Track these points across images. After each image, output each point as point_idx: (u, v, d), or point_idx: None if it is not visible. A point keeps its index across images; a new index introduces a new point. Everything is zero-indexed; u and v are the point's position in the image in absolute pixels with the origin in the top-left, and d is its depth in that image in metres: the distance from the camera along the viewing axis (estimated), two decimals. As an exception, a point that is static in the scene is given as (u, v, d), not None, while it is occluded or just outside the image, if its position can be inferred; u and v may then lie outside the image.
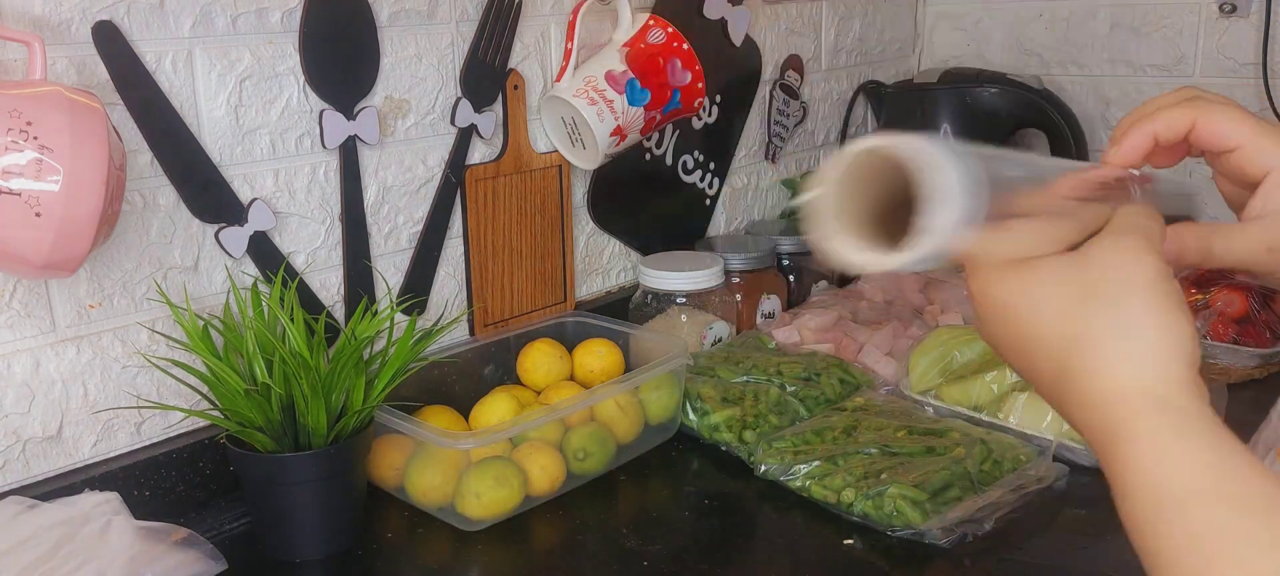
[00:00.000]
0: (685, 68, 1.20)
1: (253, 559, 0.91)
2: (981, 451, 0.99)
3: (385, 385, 0.91)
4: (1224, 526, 0.42)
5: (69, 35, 0.84)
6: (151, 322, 0.93)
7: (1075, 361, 0.47)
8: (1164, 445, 0.44)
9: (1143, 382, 0.46)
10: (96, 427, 0.92)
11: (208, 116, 0.93)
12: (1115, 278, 0.47)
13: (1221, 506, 0.43)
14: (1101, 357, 0.47)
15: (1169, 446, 0.44)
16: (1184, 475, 0.44)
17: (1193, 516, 0.43)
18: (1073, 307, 0.48)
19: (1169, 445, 0.44)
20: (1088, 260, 0.48)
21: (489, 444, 0.96)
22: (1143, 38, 1.57)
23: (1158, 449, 0.44)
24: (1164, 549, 0.44)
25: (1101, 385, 0.46)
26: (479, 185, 1.15)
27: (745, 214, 1.53)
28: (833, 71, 1.64)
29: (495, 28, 1.13)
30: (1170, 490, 0.44)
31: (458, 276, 1.16)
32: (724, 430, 1.08)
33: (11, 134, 0.70)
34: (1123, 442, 0.45)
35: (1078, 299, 0.48)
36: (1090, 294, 0.47)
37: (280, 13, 0.96)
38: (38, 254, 0.73)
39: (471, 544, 0.93)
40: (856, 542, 0.91)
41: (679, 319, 1.25)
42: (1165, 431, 0.45)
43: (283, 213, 1.00)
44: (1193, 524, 0.43)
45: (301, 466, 0.88)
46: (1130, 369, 0.46)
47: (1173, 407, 0.45)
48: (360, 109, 1.03)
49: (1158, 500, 0.44)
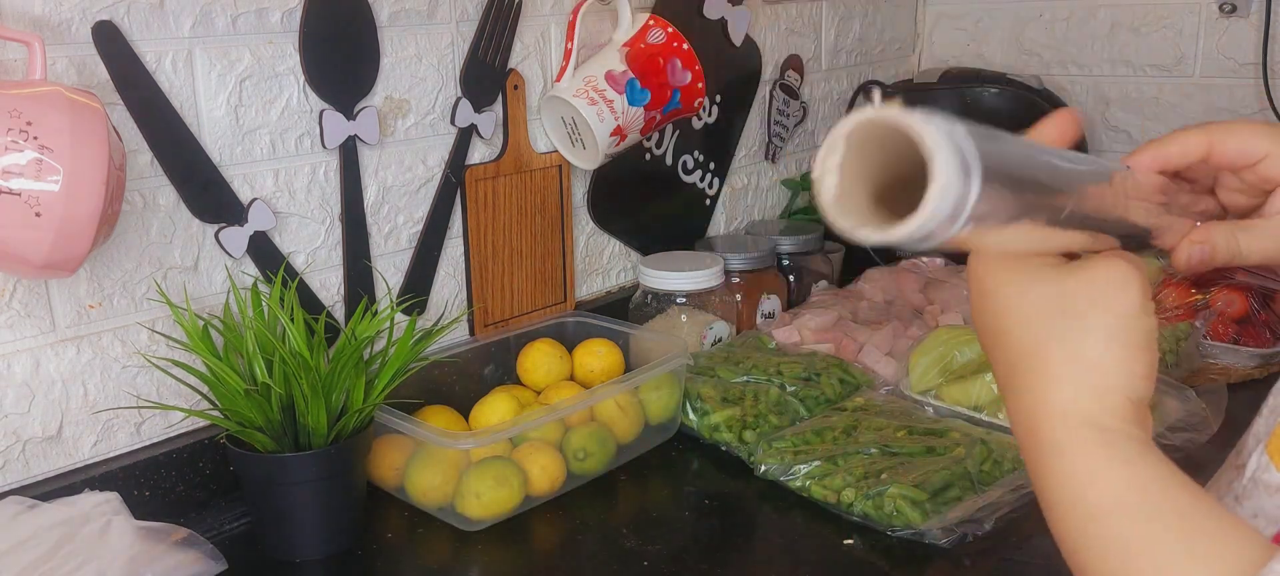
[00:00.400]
0: (685, 68, 1.20)
1: (253, 559, 0.91)
2: (981, 451, 0.99)
3: (385, 385, 0.91)
4: (1146, 540, 0.44)
5: (69, 35, 0.84)
6: (151, 322, 0.93)
7: (1024, 364, 0.49)
8: (1093, 463, 0.46)
9: (1082, 407, 0.47)
10: (96, 427, 0.92)
11: (208, 116, 0.93)
12: (1091, 300, 0.48)
13: (1144, 521, 0.44)
14: (1051, 374, 0.48)
15: (1098, 464, 0.46)
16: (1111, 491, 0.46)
17: (1116, 530, 0.45)
18: (1044, 317, 0.49)
19: (1098, 463, 0.46)
20: (1074, 274, 0.49)
21: (489, 444, 0.96)
22: (1143, 38, 1.58)
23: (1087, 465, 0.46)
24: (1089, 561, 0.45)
25: (1044, 399, 0.48)
26: (479, 185, 1.15)
27: (745, 214, 1.53)
28: (833, 71, 1.64)
29: (495, 28, 1.13)
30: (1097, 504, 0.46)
31: (458, 276, 1.16)
32: (724, 430, 1.08)
33: (11, 134, 0.70)
34: (1054, 456, 0.47)
35: (1051, 310, 0.49)
36: (1064, 309, 0.49)
37: (280, 13, 0.96)
38: (38, 254, 0.73)
39: (471, 544, 0.93)
40: (856, 542, 0.91)
41: (679, 319, 1.25)
42: (1096, 450, 0.46)
43: (283, 213, 1.00)
44: (1116, 538, 0.45)
45: (301, 466, 0.88)
46: (1073, 393, 0.47)
47: (1107, 431, 0.47)
48: (360, 109, 1.03)
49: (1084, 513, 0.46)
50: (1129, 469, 0.46)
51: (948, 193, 0.39)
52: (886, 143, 0.42)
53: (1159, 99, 1.58)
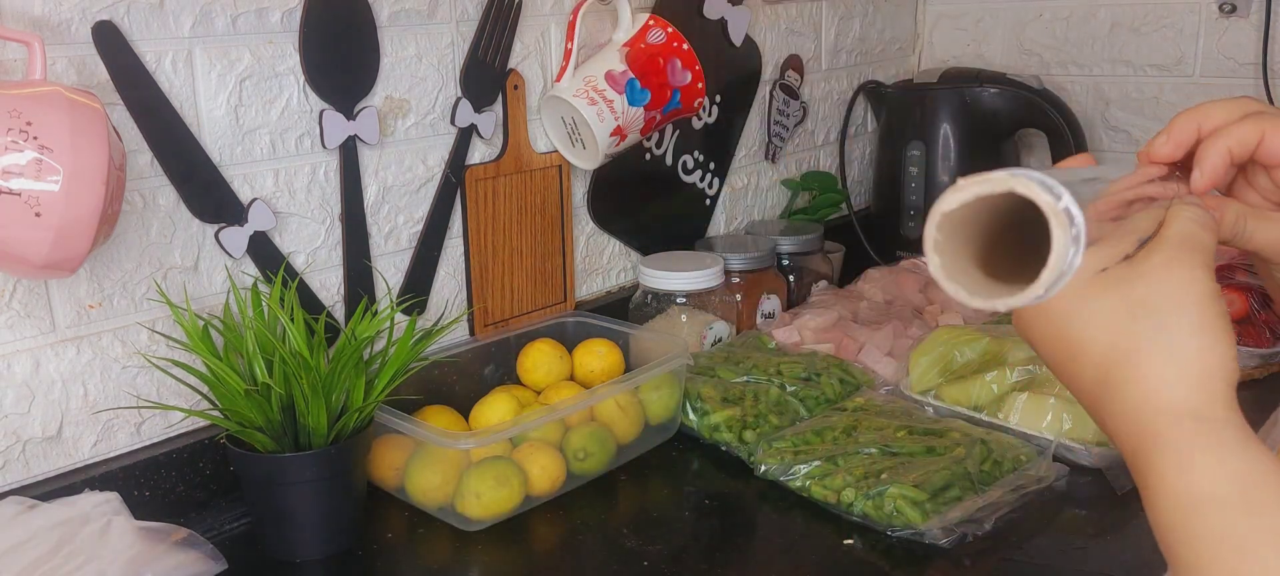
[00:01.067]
0: (685, 68, 1.20)
1: (253, 559, 0.91)
2: (981, 451, 0.99)
3: (385, 385, 0.91)
4: (1247, 531, 0.44)
5: (69, 35, 0.84)
6: (151, 322, 0.93)
7: (1118, 373, 0.49)
8: (1194, 454, 0.46)
9: (1182, 399, 0.47)
10: (96, 427, 0.92)
11: (208, 116, 0.93)
12: (1165, 295, 0.49)
13: (1245, 513, 0.44)
14: (1145, 374, 0.48)
15: (1198, 455, 0.46)
16: (1210, 482, 0.46)
17: (1216, 521, 0.45)
18: (1121, 321, 0.49)
19: (1198, 454, 0.46)
20: (1140, 275, 0.49)
21: (489, 444, 0.96)
22: (1143, 38, 1.58)
23: (1188, 457, 0.46)
24: (1190, 554, 0.45)
25: (1142, 398, 0.48)
26: (479, 185, 1.15)
27: (745, 214, 1.53)
28: (833, 71, 1.64)
29: (495, 28, 1.13)
30: (1197, 496, 0.45)
31: (458, 276, 1.16)
32: (724, 430, 1.08)
33: (11, 134, 0.70)
34: (1156, 452, 0.47)
35: (1126, 313, 0.49)
36: (1140, 309, 0.49)
37: (280, 13, 0.96)
38: (38, 254, 0.73)
39: (471, 544, 0.93)
40: (856, 542, 0.91)
41: (679, 319, 1.25)
42: (1197, 441, 0.47)
43: (283, 213, 1.00)
44: (1216, 529, 0.45)
45: (301, 466, 0.88)
46: (1172, 387, 0.48)
47: (1207, 421, 0.47)
48: (360, 109, 1.03)
49: (1186, 506, 0.46)
50: (1236, 459, 0.46)
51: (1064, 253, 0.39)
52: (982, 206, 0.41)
53: (1159, 99, 1.58)
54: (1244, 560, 0.44)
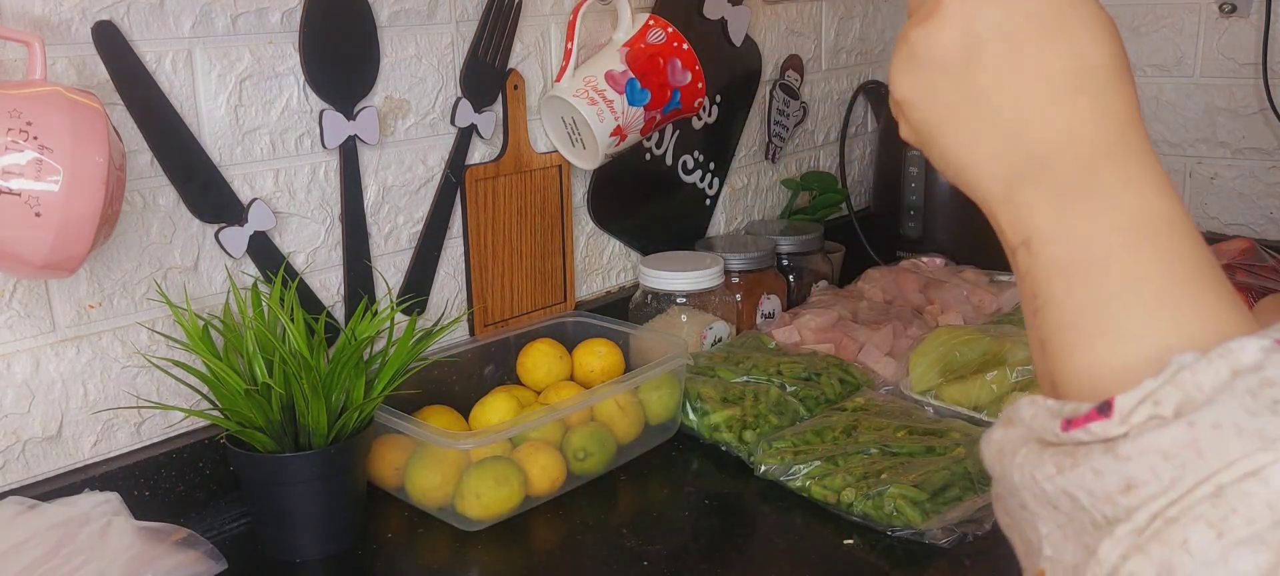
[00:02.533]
0: (685, 68, 1.20)
1: (253, 559, 0.91)
2: (981, 451, 0.99)
3: (385, 385, 0.91)
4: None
5: (69, 35, 0.84)
6: (151, 323, 0.93)
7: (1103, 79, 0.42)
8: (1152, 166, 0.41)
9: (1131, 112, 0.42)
10: (96, 427, 0.92)
11: (208, 116, 0.93)
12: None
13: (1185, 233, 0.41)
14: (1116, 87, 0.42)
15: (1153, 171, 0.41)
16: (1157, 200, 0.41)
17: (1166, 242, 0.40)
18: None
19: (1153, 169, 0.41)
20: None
21: (489, 444, 0.96)
22: (1143, 38, 1.57)
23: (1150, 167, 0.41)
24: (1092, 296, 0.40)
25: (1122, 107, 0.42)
26: (479, 185, 1.15)
27: (745, 214, 1.53)
28: (833, 71, 1.64)
29: (495, 28, 1.13)
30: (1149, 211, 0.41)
31: (458, 276, 1.16)
32: (724, 430, 1.08)
33: (11, 134, 0.70)
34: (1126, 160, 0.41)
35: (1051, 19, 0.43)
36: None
37: (280, 13, 0.96)
38: (38, 254, 0.73)
39: (471, 544, 0.93)
40: (856, 542, 0.91)
41: (679, 319, 1.25)
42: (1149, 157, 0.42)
43: (283, 213, 1.00)
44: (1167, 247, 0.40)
45: (301, 466, 0.88)
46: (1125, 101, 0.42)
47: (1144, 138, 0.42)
48: (360, 109, 1.03)
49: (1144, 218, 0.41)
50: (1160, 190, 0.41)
51: None
52: None
53: (1159, 99, 1.58)
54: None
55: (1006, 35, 0.43)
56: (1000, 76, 0.43)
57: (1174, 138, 1.58)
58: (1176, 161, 1.59)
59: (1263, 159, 1.51)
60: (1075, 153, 0.42)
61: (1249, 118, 1.51)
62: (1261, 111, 1.48)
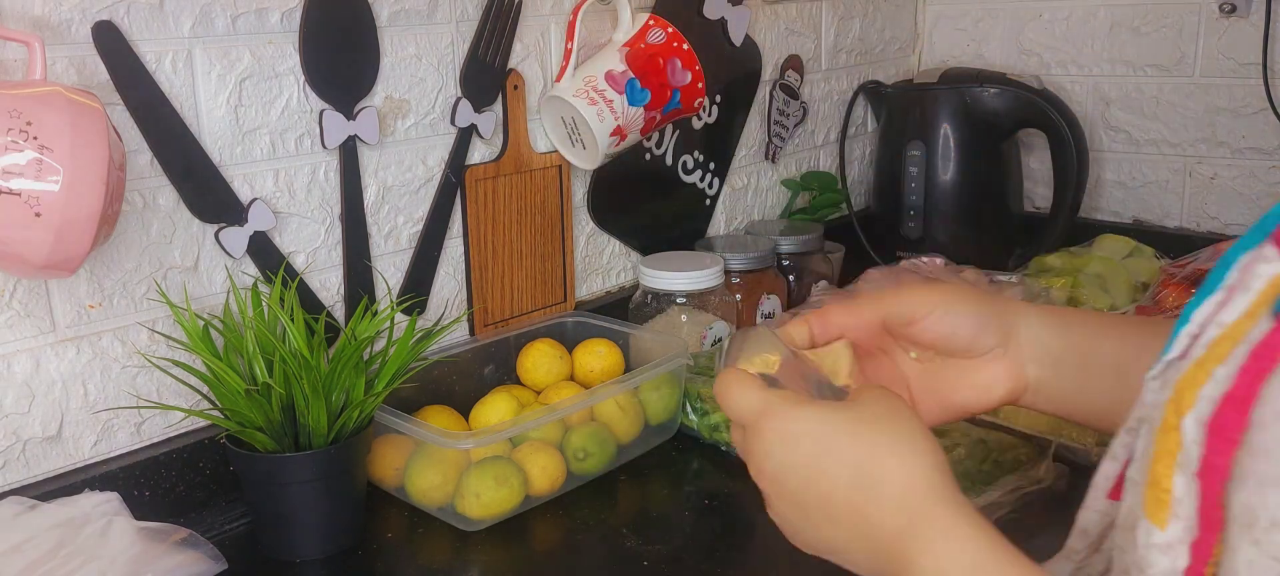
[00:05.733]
0: (685, 68, 1.20)
1: (253, 559, 0.91)
2: (981, 451, 0.99)
3: (385, 385, 0.91)
4: None
5: (69, 35, 0.84)
6: (151, 322, 0.93)
7: (874, 473, 0.55)
8: (958, 523, 0.53)
9: (937, 483, 0.54)
10: (96, 427, 0.92)
11: (208, 116, 0.93)
12: (888, 411, 0.57)
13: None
14: (899, 466, 0.55)
15: (961, 525, 0.53)
16: (973, 547, 0.52)
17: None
18: (864, 435, 0.56)
19: (961, 523, 0.53)
20: (862, 403, 0.58)
21: (489, 444, 0.96)
22: (1143, 37, 1.57)
23: (954, 525, 0.53)
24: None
25: (906, 487, 0.54)
26: (479, 185, 1.15)
27: (745, 214, 1.53)
28: (833, 71, 1.64)
29: (495, 28, 1.13)
30: (970, 561, 0.52)
31: (458, 276, 1.16)
32: (724, 430, 1.08)
33: (11, 134, 0.70)
34: (927, 526, 0.53)
35: (866, 428, 0.56)
36: (873, 425, 0.56)
37: (280, 13, 0.96)
38: (38, 254, 0.73)
39: (471, 544, 0.93)
40: (856, 542, 0.91)
41: (679, 319, 1.25)
42: (961, 516, 0.53)
43: (283, 212, 1.00)
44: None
45: (301, 466, 0.88)
46: (926, 474, 0.54)
47: (953, 502, 0.54)
48: (360, 109, 1.03)
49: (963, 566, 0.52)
50: (981, 530, 0.53)
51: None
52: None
53: (1159, 99, 1.58)
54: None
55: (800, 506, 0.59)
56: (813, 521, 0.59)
57: (1174, 138, 1.58)
58: (1176, 161, 1.59)
59: (1263, 159, 1.51)
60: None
61: (1249, 118, 1.51)
62: (1262, 111, 1.48)
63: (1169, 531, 0.43)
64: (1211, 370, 0.43)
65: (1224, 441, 0.41)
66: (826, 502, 0.56)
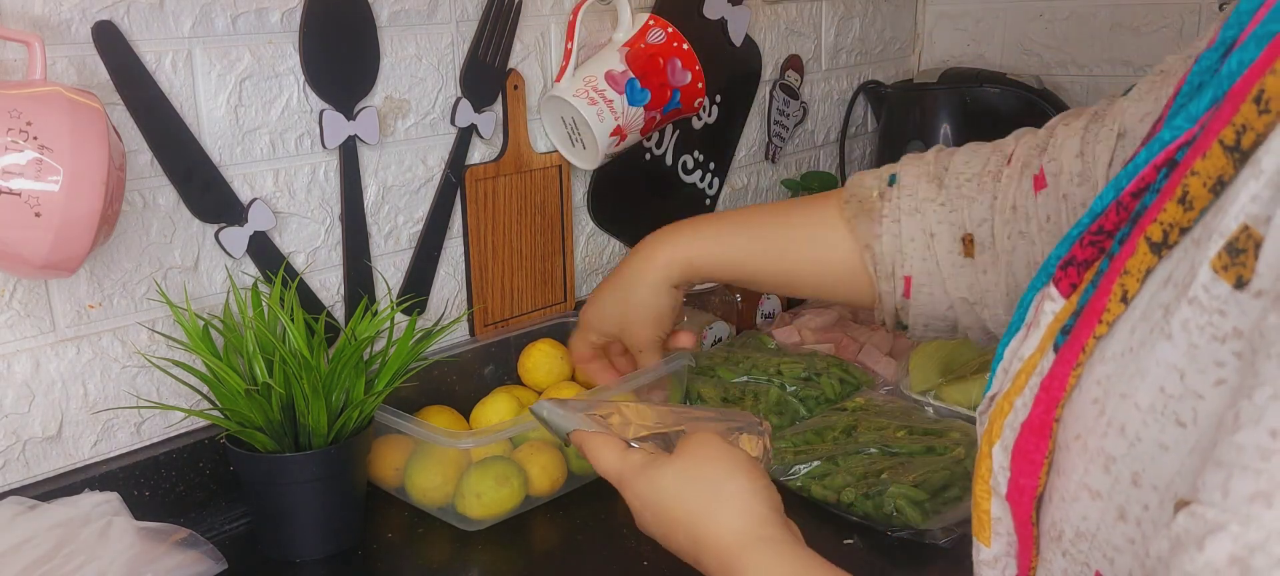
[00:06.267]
0: (685, 68, 1.20)
1: (253, 559, 0.91)
2: (981, 451, 0.99)
3: (385, 385, 0.91)
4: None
5: (69, 35, 0.84)
6: (151, 322, 0.93)
7: (702, 527, 0.65)
8: (772, 563, 0.61)
9: (753, 529, 0.63)
10: (96, 427, 0.92)
11: (208, 116, 0.93)
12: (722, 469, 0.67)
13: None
14: (717, 517, 0.65)
15: (774, 563, 0.61)
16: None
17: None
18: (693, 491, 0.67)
19: (773, 562, 0.61)
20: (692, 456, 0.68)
21: (489, 444, 0.96)
22: (1143, 37, 1.58)
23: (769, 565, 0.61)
24: None
25: (719, 534, 0.64)
26: (479, 185, 1.15)
27: (745, 214, 1.53)
28: (833, 71, 1.64)
29: (495, 28, 1.13)
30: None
31: (458, 276, 1.16)
32: (724, 430, 1.08)
33: (11, 134, 0.70)
34: (739, 569, 0.62)
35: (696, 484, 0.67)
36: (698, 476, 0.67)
37: (280, 13, 0.96)
38: (38, 254, 0.73)
39: (471, 544, 0.93)
40: (857, 542, 0.91)
41: (679, 319, 1.24)
42: (768, 556, 0.62)
43: (283, 213, 1.00)
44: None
45: (301, 466, 0.88)
46: (736, 520, 0.64)
47: (772, 541, 0.63)
48: (360, 109, 1.03)
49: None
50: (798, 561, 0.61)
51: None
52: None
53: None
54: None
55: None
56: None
57: (1174, 138, 1.58)
58: (1176, 161, 1.59)
59: (1263, 159, 1.51)
60: None
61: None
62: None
63: (993, 547, 0.48)
64: (1013, 401, 0.46)
65: (1027, 463, 0.45)
66: (679, 549, 0.68)
